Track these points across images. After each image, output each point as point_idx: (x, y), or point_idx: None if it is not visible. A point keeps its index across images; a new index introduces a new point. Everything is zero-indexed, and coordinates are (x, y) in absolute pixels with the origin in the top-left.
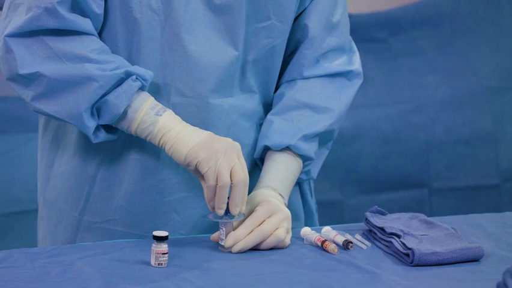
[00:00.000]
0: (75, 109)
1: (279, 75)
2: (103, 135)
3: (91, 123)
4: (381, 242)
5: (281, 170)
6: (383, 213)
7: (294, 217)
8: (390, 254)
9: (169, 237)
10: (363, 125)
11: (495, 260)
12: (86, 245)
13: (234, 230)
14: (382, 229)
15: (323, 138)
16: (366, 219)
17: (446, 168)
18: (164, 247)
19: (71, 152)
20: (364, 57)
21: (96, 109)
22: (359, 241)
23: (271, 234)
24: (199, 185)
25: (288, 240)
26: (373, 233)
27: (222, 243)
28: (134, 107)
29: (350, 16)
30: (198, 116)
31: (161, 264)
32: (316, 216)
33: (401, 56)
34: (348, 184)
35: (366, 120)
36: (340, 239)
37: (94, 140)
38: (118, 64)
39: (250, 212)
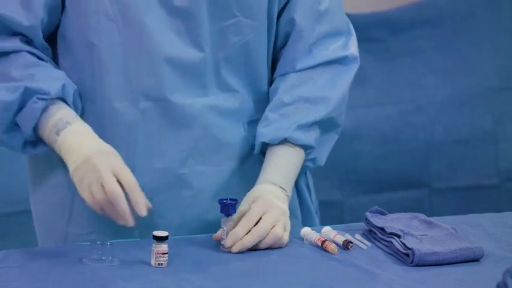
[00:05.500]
0: None
1: (272, 70)
2: (31, 150)
3: (14, 142)
4: (381, 242)
5: (281, 163)
6: (383, 213)
7: (291, 214)
8: (390, 254)
9: (169, 237)
10: (363, 125)
11: (495, 260)
12: (86, 245)
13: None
14: (382, 229)
15: (324, 125)
16: (366, 219)
17: (446, 168)
18: (164, 247)
19: (54, 165)
20: (364, 57)
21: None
22: (359, 241)
23: (268, 232)
24: (176, 186)
25: (286, 237)
26: (373, 233)
27: (223, 243)
28: (40, 126)
29: (350, 16)
30: (168, 118)
31: (161, 264)
32: (316, 218)
33: (400, 55)
34: (348, 184)
35: (366, 120)
36: (340, 239)
37: (23, 154)
38: (19, 83)
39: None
